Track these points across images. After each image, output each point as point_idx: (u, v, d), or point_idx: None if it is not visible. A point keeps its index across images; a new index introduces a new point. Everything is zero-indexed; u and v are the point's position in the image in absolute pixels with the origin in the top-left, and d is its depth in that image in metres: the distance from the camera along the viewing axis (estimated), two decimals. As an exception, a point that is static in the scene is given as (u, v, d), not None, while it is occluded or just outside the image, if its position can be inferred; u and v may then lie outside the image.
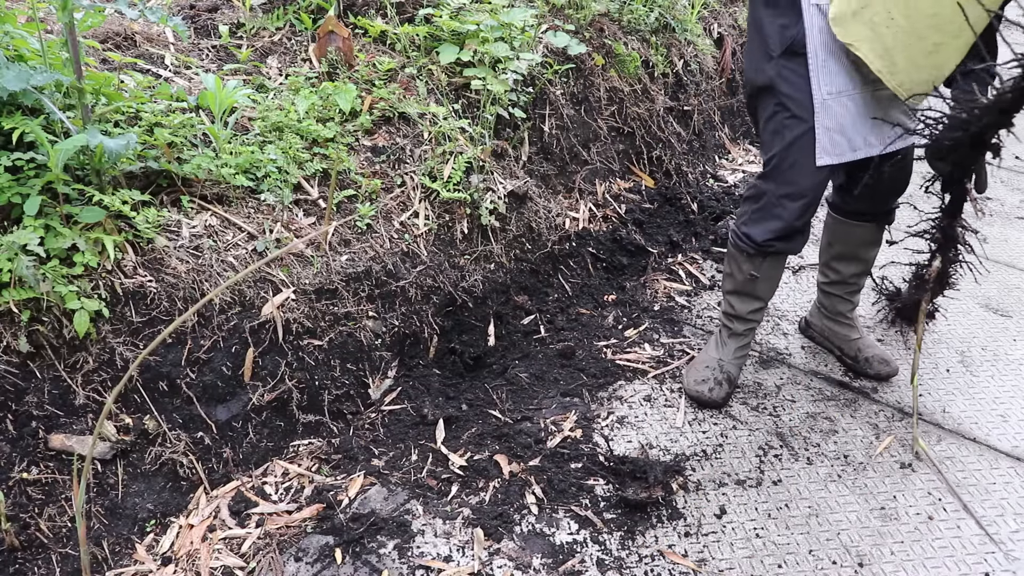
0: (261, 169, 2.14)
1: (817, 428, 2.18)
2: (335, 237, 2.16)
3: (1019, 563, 1.79)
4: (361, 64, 2.61)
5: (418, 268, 2.31)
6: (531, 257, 2.72)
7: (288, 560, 1.70)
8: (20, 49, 1.82)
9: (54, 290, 1.62)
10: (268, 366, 1.95)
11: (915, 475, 2.03)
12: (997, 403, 2.31)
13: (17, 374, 1.63)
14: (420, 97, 2.61)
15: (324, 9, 2.77)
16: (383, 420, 2.13)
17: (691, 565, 1.75)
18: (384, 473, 1.95)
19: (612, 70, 3.30)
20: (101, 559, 1.68)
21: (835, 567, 1.76)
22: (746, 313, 2.24)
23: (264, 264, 1.97)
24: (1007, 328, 2.68)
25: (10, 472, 1.62)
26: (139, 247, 1.81)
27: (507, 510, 1.85)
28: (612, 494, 1.92)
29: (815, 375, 2.41)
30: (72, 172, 1.80)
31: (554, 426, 2.12)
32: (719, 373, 2.25)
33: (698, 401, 2.25)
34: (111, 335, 1.73)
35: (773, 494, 1.96)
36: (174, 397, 1.82)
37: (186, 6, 2.81)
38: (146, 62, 2.37)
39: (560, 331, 2.57)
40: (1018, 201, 3.66)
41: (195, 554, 1.71)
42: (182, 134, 2.03)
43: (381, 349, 2.21)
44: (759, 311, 2.26)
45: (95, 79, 1.87)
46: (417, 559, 1.72)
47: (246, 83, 2.42)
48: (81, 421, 1.70)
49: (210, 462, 1.87)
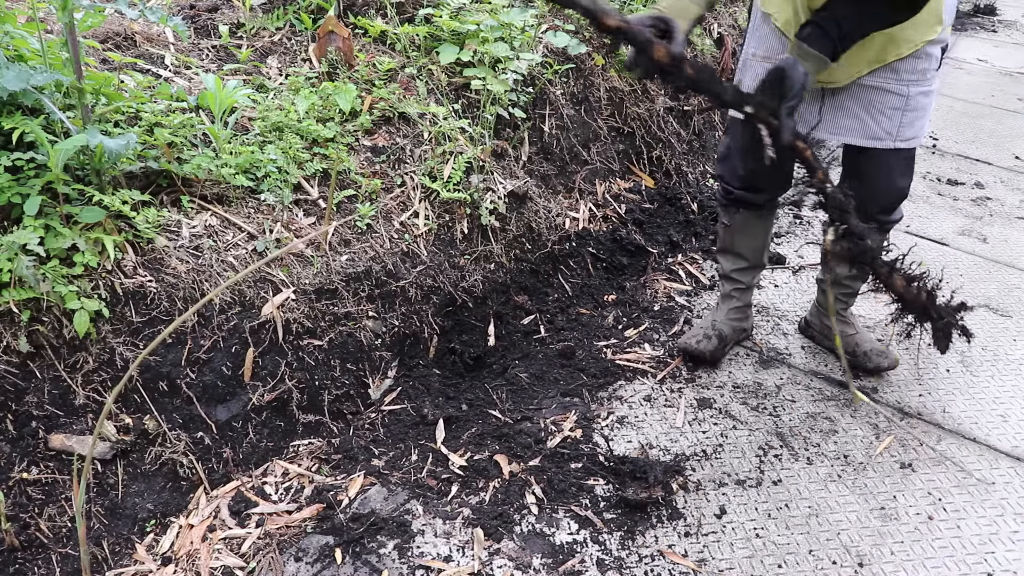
0: (261, 169, 2.14)
1: (817, 428, 2.18)
2: (335, 237, 2.16)
3: (1019, 563, 1.79)
4: (361, 64, 2.61)
5: (418, 268, 2.31)
6: (531, 257, 2.72)
7: (288, 560, 1.70)
8: (20, 49, 1.82)
9: (54, 290, 1.62)
10: (268, 366, 1.95)
11: (915, 475, 2.03)
12: (997, 403, 2.31)
13: (17, 374, 1.63)
14: (420, 97, 2.61)
15: (324, 9, 2.77)
16: (383, 420, 2.13)
17: (691, 565, 1.75)
18: (384, 473, 1.95)
19: (612, 70, 3.30)
20: (101, 559, 1.68)
21: (835, 567, 1.76)
22: (730, 271, 2.39)
23: (264, 264, 1.97)
24: (1007, 328, 2.68)
25: (10, 472, 1.62)
26: (139, 247, 1.81)
27: (507, 510, 1.85)
28: (612, 494, 1.92)
29: (815, 375, 2.41)
30: (72, 172, 1.80)
31: (554, 426, 2.12)
32: (710, 330, 2.38)
33: (686, 352, 2.37)
34: (111, 335, 1.73)
35: (773, 494, 1.96)
36: (174, 397, 1.82)
37: (186, 6, 2.81)
38: (146, 62, 2.37)
39: (560, 331, 2.57)
40: (1018, 201, 3.66)
41: (195, 554, 1.71)
42: (182, 134, 2.03)
43: (381, 349, 2.21)
44: (744, 271, 2.39)
45: (95, 79, 1.87)
46: (417, 559, 1.72)
47: (246, 83, 2.42)
48: (81, 421, 1.70)
49: (210, 462, 1.87)
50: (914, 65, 1.91)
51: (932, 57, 1.92)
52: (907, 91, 1.93)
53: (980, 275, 2.99)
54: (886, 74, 1.92)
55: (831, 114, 2.01)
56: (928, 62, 1.92)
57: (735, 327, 2.43)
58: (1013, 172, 3.99)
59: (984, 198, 3.65)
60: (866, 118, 1.97)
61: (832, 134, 2.03)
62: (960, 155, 4.16)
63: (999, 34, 6.86)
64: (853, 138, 2.01)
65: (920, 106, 1.96)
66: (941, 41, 1.91)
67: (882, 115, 1.96)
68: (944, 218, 3.44)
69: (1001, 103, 5.02)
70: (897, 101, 1.94)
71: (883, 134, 1.98)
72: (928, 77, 1.94)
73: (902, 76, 1.92)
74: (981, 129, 4.55)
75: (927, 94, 1.96)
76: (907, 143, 2.00)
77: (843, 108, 1.99)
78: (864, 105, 1.96)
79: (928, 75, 1.94)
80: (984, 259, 3.12)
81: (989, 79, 5.51)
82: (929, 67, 1.93)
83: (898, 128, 1.96)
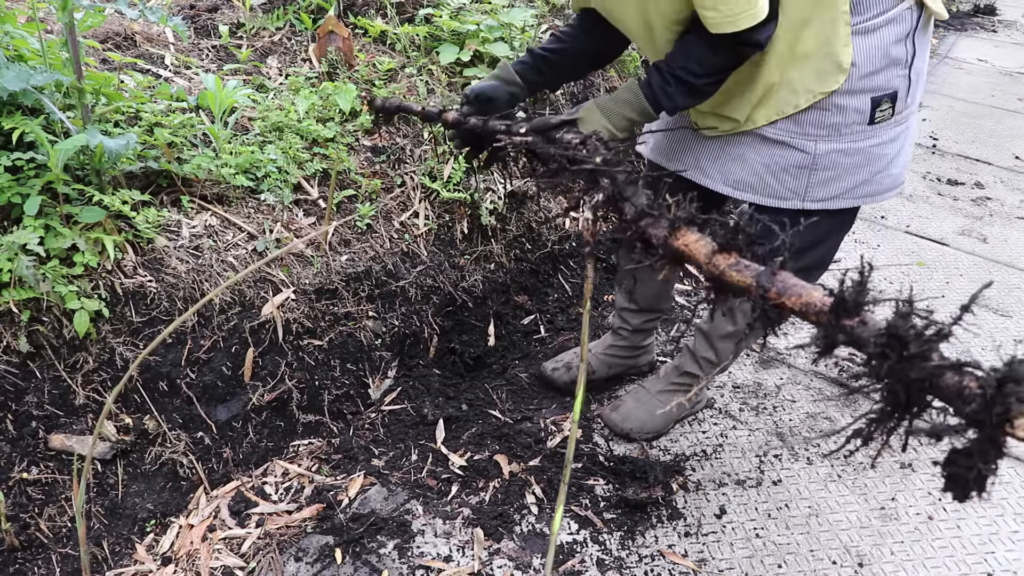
0: (261, 169, 2.14)
1: (817, 428, 2.18)
2: (335, 237, 2.16)
3: (1019, 563, 1.79)
4: (361, 64, 2.61)
5: (418, 268, 2.31)
6: (531, 257, 2.72)
7: (288, 560, 1.70)
8: (20, 49, 1.82)
9: (54, 290, 1.62)
10: (268, 366, 1.95)
11: (915, 475, 2.03)
12: (997, 403, 2.31)
13: (17, 374, 1.63)
14: (420, 97, 2.61)
15: (324, 9, 2.77)
16: (383, 420, 2.13)
17: (691, 565, 1.75)
18: (384, 473, 1.95)
19: (612, 70, 3.30)
20: (101, 559, 1.68)
21: (835, 567, 1.76)
22: (620, 308, 2.23)
23: (264, 264, 1.97)
24: (1007, 328, 2.68)
25: (10, 472, 1.62)
26: (139, 247, 1.81)
27: (507, 510, 1.85)
28: (612, 494, 1.92)
29: (815, 375, 2.41)
30: (72, 172, 1.80)
31: (554, 426, 2.12)
32: (576, 360, 2.26)
33: (540, 378, 2.29)
34: (111, 335, 1.73)
35: (773, 494, 1.96)
36: (174, 397, 1.82)
37: (186, 6, 2.81)
38: (146, 62, 2.37)
39: (560, 331, 2.57)
40: (1018, 201, 3.66)
41: (195, 554, 1.70)
42: (182, 134, 2.03)
43: (381, 349, 2.21)
44: (633, 313, 2.19)
45: (95, 79, 1.87)
46: (417, 559, 1.72)
47: (246, 83, 2.42)
48: (81, 421, 1.70)
49: (210, 462, 1.87)
50: (820, 119, 1.58)
51: (847, 109, 1.57)
52: (814, 148, 1.61)
53: (980, 275, 2.99)
54: (788, 126, 1.61)
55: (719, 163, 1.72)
56: (841, 115, 1.57)
57: (612, 363, 2.27)
58: (1013, 172, 3.99)
59: (984, 198, 3.65)
60: (766, 175, 1.67)
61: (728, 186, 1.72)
62: (960, 155, 4.16)
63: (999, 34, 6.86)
64: (752, 195, 1.69)
65: (835, 165, 1.62)
66: (866, 92, 1.56)
67: (785, 173, 1.65)
68: (944, 218, 3.44)
69: (1001, 103, 5.02)
70: (801, 159, 1.63)
71: (788, 193, 1.66)
72: (845, 133, 1.59)
73: (806, 130, 1.61)
74: (981, 129, 4.55)
75: (846, 153, 1.61)
76: (818, 204, 1.66)
77: (740, 159, 1.69)
78: (767, 159, 1.66)
79: (844, 131, 1.59)
80: (984, 259, 3.12)
81: (989, 79, 5.51)
82: (844, 122, 1.58)
83: (806, 188, 1.65)
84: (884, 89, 1.57)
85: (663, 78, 1.49)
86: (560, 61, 1.71)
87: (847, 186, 1.66)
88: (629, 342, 2.25)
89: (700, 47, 1.47)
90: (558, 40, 1.73)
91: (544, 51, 1.71)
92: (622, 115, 1.50)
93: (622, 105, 1.51)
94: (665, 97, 1.50)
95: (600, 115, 1.50)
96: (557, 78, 1.75)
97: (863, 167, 1.65)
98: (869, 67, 1.54)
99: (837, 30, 1.50)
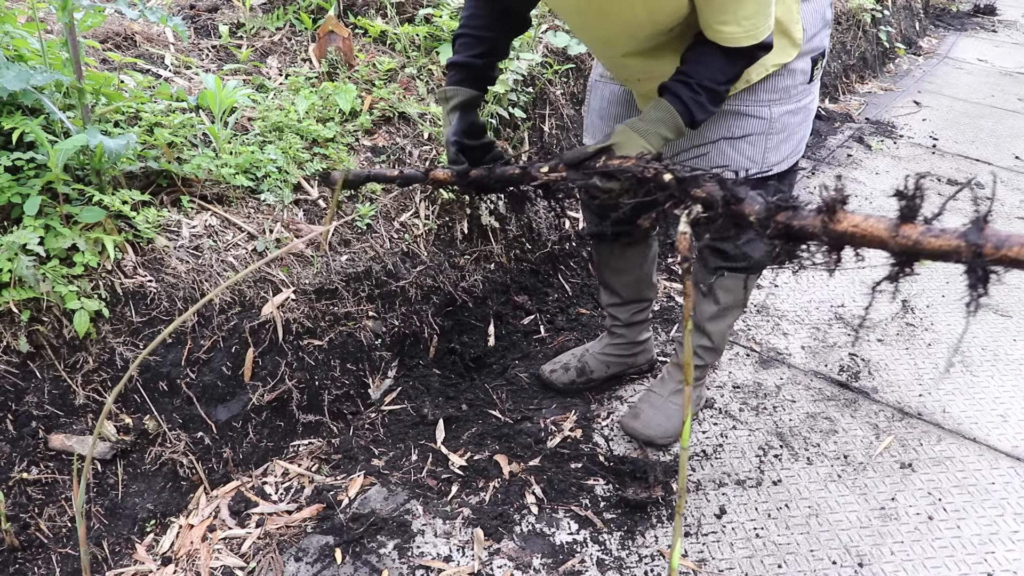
0: (261, 169, 2.14)
1: (817, 428, 2.18)
2: (335, 237, 2.16)
3: (1019, 563, 1.79)
4: (361, 64, 2.61)
5: (418, 268, 2.31)
6: (531, 257, 2.72)
7: (288, 560, 1.70)
8: (20, 49, 1.82)
9: (54, 290, 1.62)
10: (268, 366, 1.95)
11: (915, 475, 2.03)
12: (997, 403, 2.31)
13: (17, 374, 1.63)
14: (420, 97, 2.61)
15: (324, 9, 2.77)
16: (383, 420, 2.13)
17: (691, 565, 1.75)
18: (384, 473, 1.95)
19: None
20: (101, 559, 1.68)
21: (835, 567, 1.77)
22: (606, 304, 2.24)
23: (264, 264, 1.97)
24: (1007, 328, 2.68)
25: (10, 472, 1.62)
26: (139, 247, 1.81)
27: (507, 510, 1.85)
28: (612, 494, 1.92)
29: (815, 375, 2.41)
30: (72, 172, 1.80)
31: (554, 426, 2.12)
32: (575, 361, 2.28)
33: (539, 379, 2.29)
34: (111, 335, 1.73)
35: (773, 494, 1.96)
36: (174, 397, 1.82)
37: (186, 6, 2.81)
38: (146, 62, 2.37)
39: (560, 331, 2.57)
40: (1018, 201, 3.66)
41: (195, 554, 1.71)
42: (182, 134, 2.03)
43: (381, 349, 2.21)
44: (619, 307, 2.21)
45: (95, 79, 1.87)
46: (417, 559, 1.72)
47: (246, 83, 2.42)
48: (81, 421, 1.70)
49: (210, 462, 1.87)
50: (773, 83, 1.68)
51: (795, 72, 1.68)
52: (769, 112, 1.70)
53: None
54: (744, 96, 1.69)
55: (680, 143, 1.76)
56: (791, 78, 1.69)
57: (611, 362, 2.27)
58: (1013, 172, 3.99)
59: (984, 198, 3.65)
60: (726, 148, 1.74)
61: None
62: (960, 155, 4.16)
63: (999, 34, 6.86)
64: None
65: (785, 127, 1.72)
66: (807, 53, 1.69)
67: (744, 142, 1.73)
68: (944, 218, 3.44)
69: (1001, 103, 5.02)
70: (759, 125, 1.71)
71: (747, 163, 1.74)
72: (793, 94, 1.70)
73: (760, 96, 1.69)
74: (981, 129, 4.55)
75: (794, 112, 1.72)
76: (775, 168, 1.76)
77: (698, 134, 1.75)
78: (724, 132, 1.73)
79: (793, 92, 1.70)
80: (984, 259, 3.12)
81: (989, 79, 5.51)
82: (793, 83, 1.69)
83: (763, 154, 1.74)
84: (819, 48, 1.72)
85: (692, 90, 1.50)
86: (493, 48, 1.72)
87: (793, 145, 1.78)
88: (625, 339, 2.26)
89: (716, 57, 1.49)
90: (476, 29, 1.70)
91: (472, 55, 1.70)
92: (658, 134, 1.49)
93: (656, 124, 1.50)
94: (698, 108, 1.51)
95: (637, 136, 1.49)
96: (495, 61, 1.75)
97: (803, 124, 1.77)
98: (812, 31, 1.68)
99: (791, 7, 1.59)
